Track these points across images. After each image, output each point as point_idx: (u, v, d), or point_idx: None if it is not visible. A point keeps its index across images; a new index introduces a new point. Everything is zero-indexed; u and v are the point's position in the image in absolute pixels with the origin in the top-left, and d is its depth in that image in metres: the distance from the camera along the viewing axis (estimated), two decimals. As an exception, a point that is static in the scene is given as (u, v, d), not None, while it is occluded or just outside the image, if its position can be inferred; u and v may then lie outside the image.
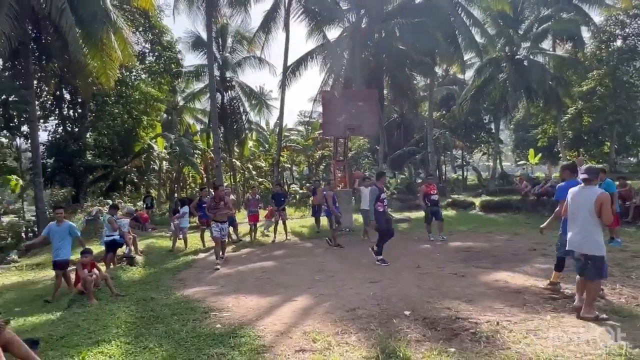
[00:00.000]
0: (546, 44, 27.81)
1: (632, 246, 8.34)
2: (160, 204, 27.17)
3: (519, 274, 6.64)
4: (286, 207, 14.03)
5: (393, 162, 29.66)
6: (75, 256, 7.70)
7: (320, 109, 29.47)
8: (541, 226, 6.05)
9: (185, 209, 11.61)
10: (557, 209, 5.59)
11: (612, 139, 27.48)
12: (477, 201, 18.54)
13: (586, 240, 4.57)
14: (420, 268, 7.47)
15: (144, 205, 19.21)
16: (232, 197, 14.44)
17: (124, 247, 9.38)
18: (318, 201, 13.47)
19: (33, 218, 19.14)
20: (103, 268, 8.13)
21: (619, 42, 25.83)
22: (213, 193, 7.17)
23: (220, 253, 8.99)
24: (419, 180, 33.25)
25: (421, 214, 17.70)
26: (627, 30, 25.26)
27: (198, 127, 33.73)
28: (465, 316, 4.73)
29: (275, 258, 9.41)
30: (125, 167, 24.18)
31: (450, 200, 19.69)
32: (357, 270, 7.66)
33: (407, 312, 4.96)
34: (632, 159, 31.65)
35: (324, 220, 13.12)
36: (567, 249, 4.90)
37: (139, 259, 9.47)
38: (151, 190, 27.37)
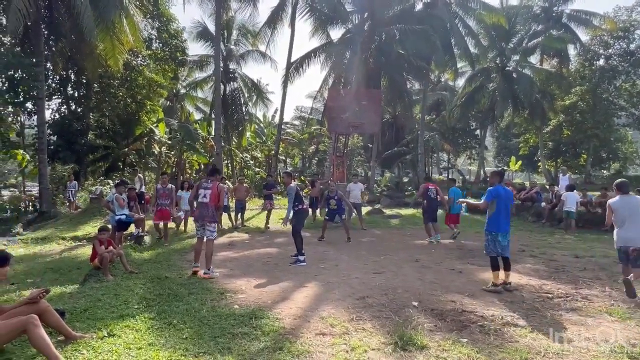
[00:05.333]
0: (534, 58, 28.28)
1: (612, 252, 8.53)
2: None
3: (512, 273, 6.72)
4: (276, 196, 13.74)
5: (384, 161, 29.84)
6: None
7: (318, 105, 29.57)
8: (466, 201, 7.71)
9: (180, 192, 11.14)
10: (482, 204, 6.09)
11: (589, 152, 28.09)
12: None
13: None
14: (419, 262, 7.56)
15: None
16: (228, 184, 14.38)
17: (139, 227, 9.23)
18: (315, 194, 13.57)
19: (34, 192, 18.80)
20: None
21: (601, 62, 26.36)
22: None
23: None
24: (406, 180, 33.58)
25: (410, 210, 18.00)
26: (610, 50, 25.79)
27: (197, 115, 33.32)
28: (471, 310, 4.81)
29: (278, 245, 9.41)
30: (126, 149, 23.79)
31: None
32: (358, 261, 7.72)
33: (415, 303, 5.03)
34: (605, 172, 32.42)
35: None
36: (628, 245, 5.29)
37: (147, 239, 9.36)
38: (148, 173, 26.97)
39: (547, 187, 19.04)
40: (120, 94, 21.71)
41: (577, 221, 11.60)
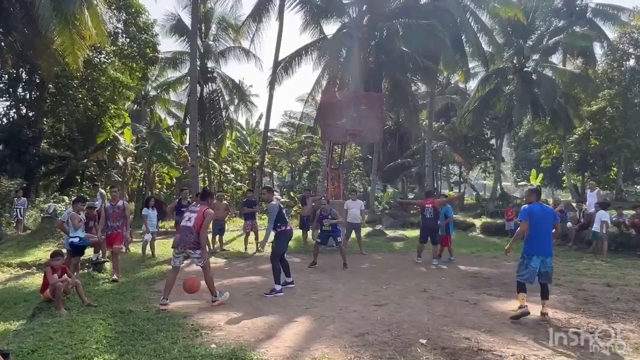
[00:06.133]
0: (556, 58, 28.85)
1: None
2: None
3: (536, 304, 6.75)
4: (260, 215, 13.98)
5: (386, 175, 30.01)
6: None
7: (310, 110, 29.84)
8: (506, 247, 6.59)
9: (145, 211, 11.26)
10: (518, 229, 6.31)
11: (620, 165, 28.46)
12: (477, 222, 18.89)
13: None
14: (427, 292, 7.54)
15: None
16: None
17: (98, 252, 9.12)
18: (307, 212, 13.58)
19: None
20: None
21: (632, 62, 26.94)
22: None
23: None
24: (411, 196, 33.74)
25: (416, 231, 18.06)
26: (641, 49, 26.38)
27: (170, 121, 33.40)
28: (488, 348, 4.79)
29: (263, 273, 9.34)
30: (85, 160, 23.69)
31: (448, 219, 20.00)
32: (356, 292, 7.69)
33: (423, 341, 5.00)
34: (638, 187, 32.84)
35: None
36: None
37: (107, 265, 9.25)
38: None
39: (574, 204, 19.27)
40: (80, 96, 21.70)
41: (609, 244, 11.70)
